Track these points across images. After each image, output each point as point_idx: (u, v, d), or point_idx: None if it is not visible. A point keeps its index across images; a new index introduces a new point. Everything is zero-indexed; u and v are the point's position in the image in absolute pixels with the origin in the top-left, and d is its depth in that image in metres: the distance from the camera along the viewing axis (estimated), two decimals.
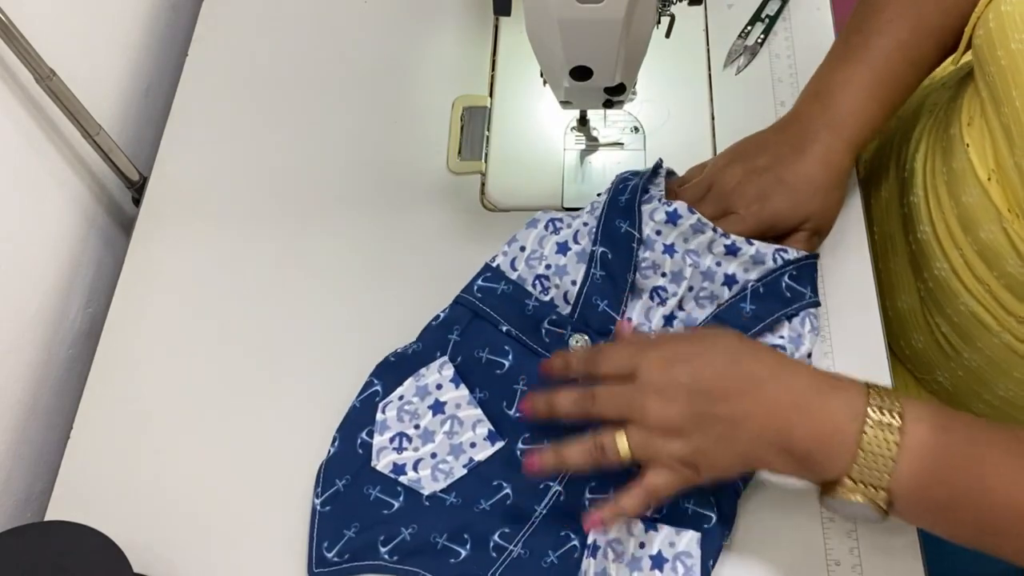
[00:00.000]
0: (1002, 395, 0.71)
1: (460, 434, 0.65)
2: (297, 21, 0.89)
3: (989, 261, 0.64)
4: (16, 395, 0.73)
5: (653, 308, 0.67)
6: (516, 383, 0.66)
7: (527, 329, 0.67)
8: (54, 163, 0.78)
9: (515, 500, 0.63)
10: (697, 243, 0.66)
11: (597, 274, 0.66)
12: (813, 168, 0.66)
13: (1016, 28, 0.57)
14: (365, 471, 0.65)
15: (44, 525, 0.63)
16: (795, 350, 0.64)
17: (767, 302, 0.63)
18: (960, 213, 0.66)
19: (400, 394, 0.67)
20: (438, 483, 0.64)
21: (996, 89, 0.60)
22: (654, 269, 0.67)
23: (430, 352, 0.68)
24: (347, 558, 0.62)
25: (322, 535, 0.63)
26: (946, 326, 0.72)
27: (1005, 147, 0.60)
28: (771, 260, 0.64)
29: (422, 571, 0.61)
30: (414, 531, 0.62)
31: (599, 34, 0.60)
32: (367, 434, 0.66)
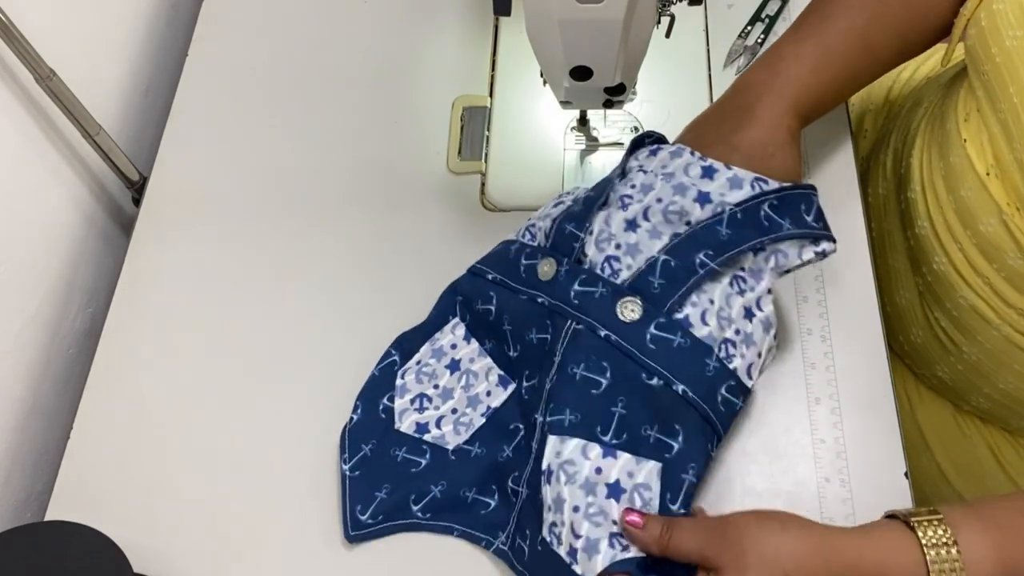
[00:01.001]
0: (1002, 388, 0.71)
1: (476, 386, 0.67)
2: (297, 21, 0.89)
3: (988, 254, 0.65)
4: (16, 395, 0.73)
5: (613, 212, 0.63)
6: (503, 324, 0.66)
7: (508, 271, 0.67)
8: (54, 163, 0.78)
9: (525, 440, 0.63)
10: (675, 165, 0.63)
11: (575, 208, 0.65)
12: (761, 131, 0.64)
13: (1010, 25, 0.58)
14: (390, 434, 0.66)
15: (44, 525, 0.62)
16: (755, 283, 0.61)
17: (744, 229, 0.60)
18: (958, 207, 0.66)
19: (417, 359, 0.69)
20: (460, 436, 0.65)
21: (992, 86, 0.61)
22: (628, 181, 0.65)
23: (443, 317, 0.70)
24: (381, 519, 0.63)
25: (354, 499, 0.64)
26: (945, 320, 0.72)
27: (1004, 143, 0.60)
28: (748, 185, 0.61)
29: (456, 525, 0.63)
30: (443, 487, 0.64)
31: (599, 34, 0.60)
32: (388, 399, 0.67)
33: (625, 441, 0.58)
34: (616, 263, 0.62)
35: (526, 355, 0.65)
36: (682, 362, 0.58)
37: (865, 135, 0.90)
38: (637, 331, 0.59)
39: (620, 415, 0.58)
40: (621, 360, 0.59)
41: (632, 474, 0.57)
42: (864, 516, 0.62)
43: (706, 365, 0.58)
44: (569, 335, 0.61)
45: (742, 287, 0.61)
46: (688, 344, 0.59)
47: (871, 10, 0.66)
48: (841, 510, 0.63)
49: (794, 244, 0.60)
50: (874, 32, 0.66)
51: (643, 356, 0.59)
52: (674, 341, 0.59)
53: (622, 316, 0.60)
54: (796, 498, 0.63)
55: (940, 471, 0.80)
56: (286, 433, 0.69)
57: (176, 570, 0.64)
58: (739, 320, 0.60)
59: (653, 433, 0.58)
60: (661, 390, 0.58)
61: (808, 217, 0.60)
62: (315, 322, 0.73)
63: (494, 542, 0.62)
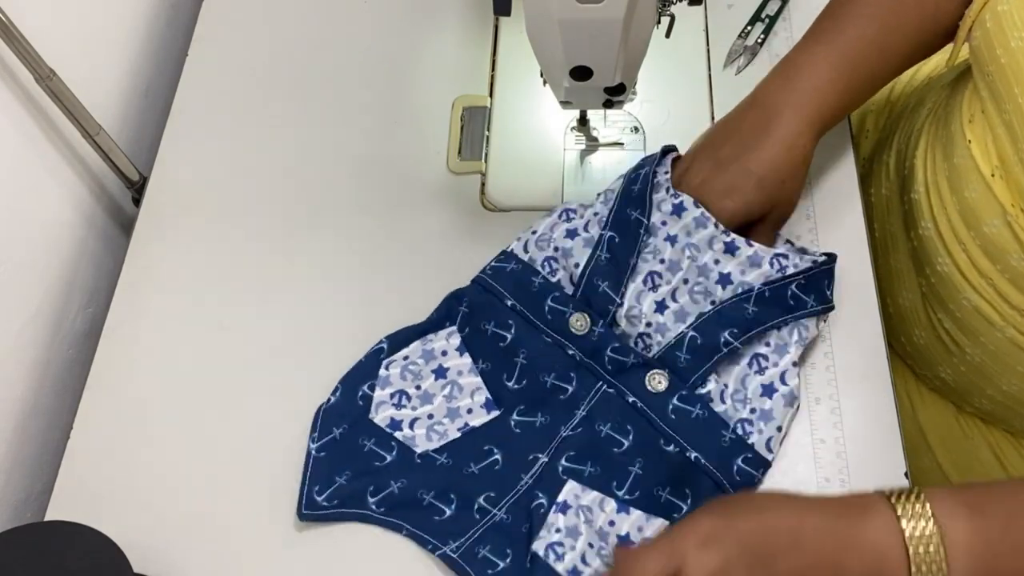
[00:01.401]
0: (1005, 390, 0.71)
1: (459, 399, 0.67)
2: (297, 21, 0.89)
3: (992, 256, 0.64)
4: (16, 395, 0.73)
5: (644, 292, 0.67)
6: (517, 356, 0.67)
7: (531, 305, 0.68)
8: (54, 163, 0.78)
9: (503, 468, 0.65)
10: (699, 237, 0.66)
11: (602, 256, 0.67)
12: (777, 154, 0.65)
13: (1015, 27, 0.58)
14: (362, 422, 0.67)
15: (44, 525, 0.63)
16: (778, 359, 0.65)
17: (770, 307, 0.64)
18: (962, 209, 0.66)
19: (405, 354, 0.69)
20: (431, 443, 0.66)
21: (997, 88, 0.61)
22: (654, 255, 0.67)
23: (440, 321, 0.70)
24: (336, 503, 0.64)
25: (314, 479, 0.65)
26: (948, 322, 0.72)
27: (1008, 143, 0.60)
28: (767, 264, 0.64)
29: (406, 524, 0.63)
30: (403, 485, 0.64)
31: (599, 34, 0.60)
32: (368, 387, 0.68)
33: (638, 498, 0.62)
34: (647, 339, 0.66)
35: (531, 393, 0.67)
36: (699, 432, 0.63)
37: (867, 136, 0.90)
38: (661, 401, 0.64)
39: (636, 474, 0.63)
40: (643, 425, 0.64)
41: (642, 529, 0.61)
42: None
43: (722, 436, 0.63)
44: (599, 395, 0.66)
45: (763, 365, 0.65)
46: (706, 416, 0.63)
47: (884, 15, 0.66)
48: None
49: (813, 318, 0.65)
50: (887, 37, 0.66)
51: (663, 424, 0.63)
52: (693, 413, 0.63)
53: (650, 386, 0.64)
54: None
55: (941, 471, 0.80)
56: (286, 433, 0.69)
57: (176, 570, 0.64)
58: (756, 399, 0.64)
59: (664, 494, 0.62)
60: (676, 456, 0.63)
61: (828, 291, 0.66)
62: (315, 322, 0.73)
63: (442, 548, 0.62)
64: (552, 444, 0.65)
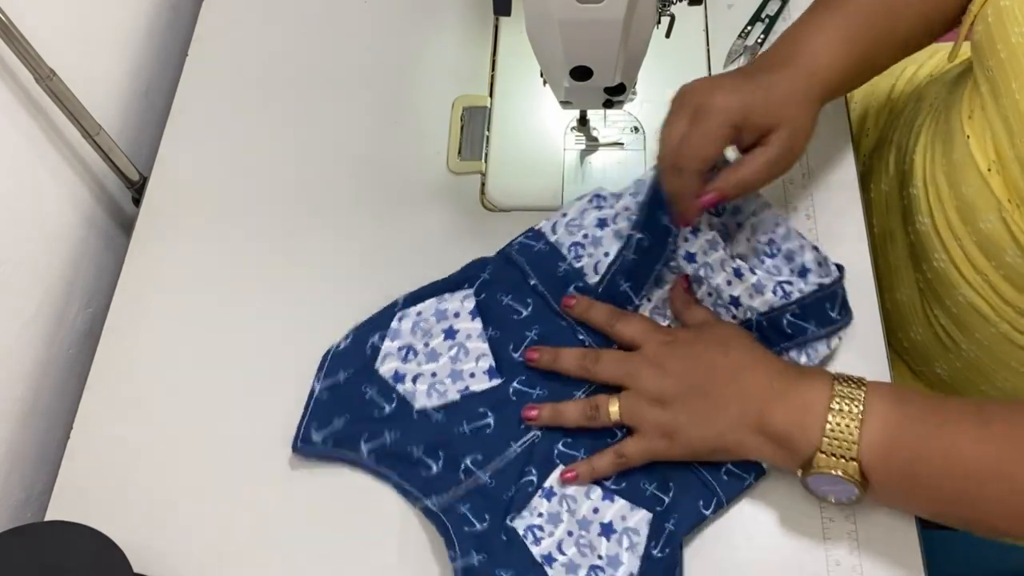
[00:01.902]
0: (1000, 386, 0.72)
1: (463, 362, 0.68)
2: (297, 21, 0.89)
3: (988, 252, 0.65)
4: (16, 395, 0.73)
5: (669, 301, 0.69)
6: (528, 331, 0.69)
7: (553, 289, 0.69)
8: (54, 163, 0.78)
9: (494, 432, 0.66)
10: (712, 258, 0.67)
11: (629, 256, 0.68)
12: (784, 82, 0.62)
13: (1016, 22, 0.58)
14: (367, 371, 0.68)
15: (44, 525, 0.63)
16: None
17: (770, 335, 0.65)
18: (959, 204, 0.66)
19: (419, 310, 0.70)
20: (431, 400, 0.67)
21: (996, 82, 0.61)
22: (680, 270, 0.69)
23: (459, 283, 0.71)
24: (330, 444, 0.66)
25: (313, 417, 0.67)
26: (945, 318, 0.72)
27: (1005, 138, 0.61)
28: (771, 292, 0.64)
29: (394, 474, 0.65)
30: (395, 437, 0.66)
31: (599, 34, 0.60)
32: (378, 338, 0.69)
33: (624, 488, 0.63)
34: None
35: (531, 367, 0.67)
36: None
37: (867, 134, 0.91)
38: None
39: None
40: None
41: (625, 518, 0.62)
42: (864, 516, 0.62)
43: None
44: (599, 385, 0.66)
45: None
46: None
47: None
48: (841, 510, 0.63)
49: (822, 340, 0.66)
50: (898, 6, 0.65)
51: None
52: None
53: None
54: (796, 498, 0.63)
55: None
56: (286, 433, 0.69)
57: (176, 570, 0.64)
58: None
59: (650, 488, 0.63)
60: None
61: (833, 312, 0.65)
62: (315, 322, 0.73)
63: (424, 501, 0.64)
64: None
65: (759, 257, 0.68)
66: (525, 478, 0.64)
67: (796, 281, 0.65)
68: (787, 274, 0.67)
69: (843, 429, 0.56)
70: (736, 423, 0.59)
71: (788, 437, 0.58)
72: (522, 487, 0.64)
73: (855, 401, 0.56)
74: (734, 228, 0.70)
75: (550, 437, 0.65)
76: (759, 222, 0.69)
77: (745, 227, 0.69)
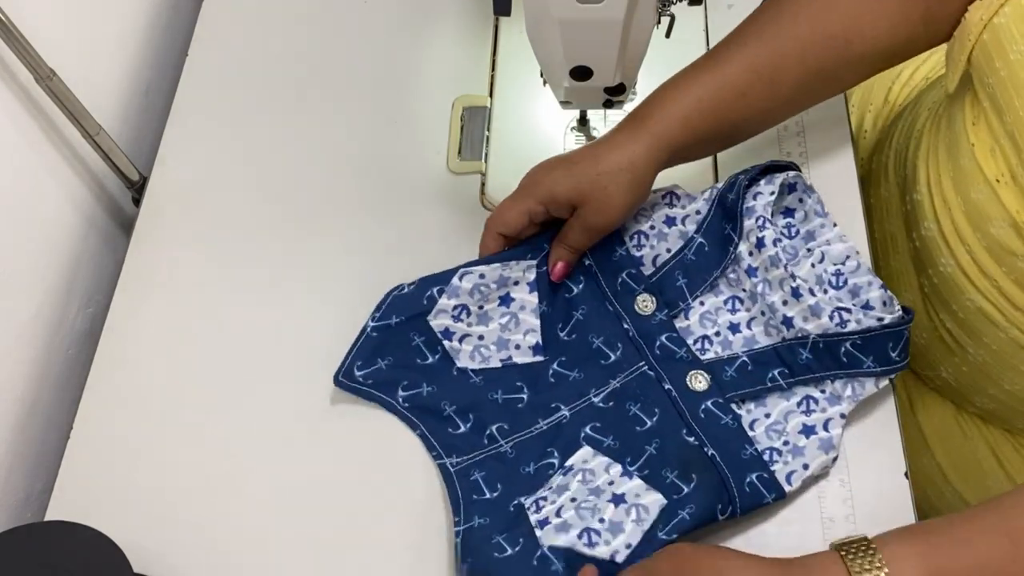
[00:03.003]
0: (1008, 389, 0.71)
1: (512, 332, 0.69)
2: (297, 21, 0.89)
3: (998, 257, 0.64)
4: (16, 395, 0.73)
5: (722, 310, 0.69)
6: (576, 311, 0.70)
7: (607, 271, 0.70)
8: (54, 163, 0.78)
9: (526, 407, 0.67)
10: (772, 276, 0.67)
11: (689, 255, 0.69)
12: (603, 156, 0.64)
13: (1013, 39, 0.58)
14: (419, 319, 0.69)
15: (44, 525, 0.63)
16: (828, 407, 0.65)
17: (823, 358, 0.65)
18: (968, 210, 0.65)
19: (482, 272, 0.69)
20: (473, 362, 0.69)
21: (997, 99, 0.60)
22: (738, 282, 0.69)
23: (524, 251, 0.70)
24: (370, 383, 0.68)
25: (360, 354, 0.68)
26: (951, 322, 0.72)
27: (1013, 153, 0.60)
28: (827, 316, 0.64)
29: (422, 427, 0.67)
30: (432, 391, 0.68)
31: (599, 34, 0.60)
32: (438, 291, 0.69)
33: (646, 475, 0.63)
34: (708, 344, 0.68)
35: (575, 348, 0.69)
36: (722, 436, 0.64)
37: (865, 135, 0.90)
38: (695, 399, 0.65)
39: (651, 454, 0.64)
40: (671, 413, 0.65)
41: (639, 495, 0.62)
42: (864, 516, 0.62)
43: (744, 449, 0.63)
44: (638, 373, 0.67)
45: (811, 408, 0.65)
46: (734, 427, 0.64)
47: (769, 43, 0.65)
48: (841, 510, 0.63)
49: (872, 377, 0.65)
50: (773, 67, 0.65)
51: (691, 419, 0.65)
52: (722, 420, 0.64)
53: (689, 383, 0.66)
54: (796, 498, 0.63)
55: (940, 471, 0.80)
56: (286, 433, 0.69)
57: (176, 570, 0.64)
58: (792, 434, 0.64)
59: (671, 477, 0.63)
60: (693, 446, 0.64)
61: (893, 353, 0.64)
62: (315, 322, 0.73)
63: (444, 459, 0.65)
64: (578, 403, 0.67)
65: (822, 286, 0.67)
66: (546, 460, 0.64)
67: (856, 311, 0.64)
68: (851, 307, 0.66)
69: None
70: None
71: None
72: (542, 468, 0.64)
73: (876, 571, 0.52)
74: (804, 252, 0.69)
75: (578, 420, 0.66)
76: (830, 251, 0.68)
77: (814, 252, 0.69)
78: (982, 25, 0.60)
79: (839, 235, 0.69)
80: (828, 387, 0.65)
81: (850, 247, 0.68)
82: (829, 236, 0.69)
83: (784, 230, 0.70)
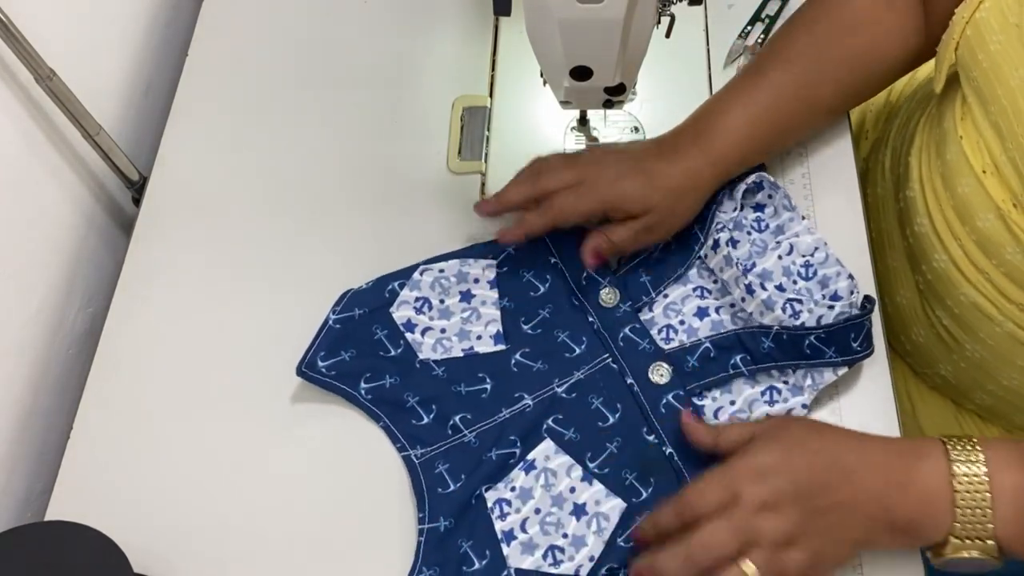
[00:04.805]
0: (1006, 384, 0.72)
1: (473, 324, 0.71)
2: (297, 21, 0.89)
3: (988, 250, 0.65)
4: (16, 395, 0.73)
5: (690, 297, 0.70)
6: (542, 309, 0.71)
7: (571, 266, 0.71)
8: (54, 163, 0.78)
9: (489, 397, 0.68)
10: (727, 275, 0.69)
11: (655, 254, 0.71)
12: (674, 171, 0.67)
13: (993, 30, 0.60)
14: (382, 312, 0.71)
15: (44, 525, 0.63)
16: (790, 397, 0.65)
17: (786, 349, 0.65)
18: (956, 204, 0.66)
19: (442, 267, 0.72)
20: (435, 354, 0.69)
21: (982, 90, 0.62)
22: (709, 274, 0.71)
23: (485, 251, 0.73)
24: (333, 375, 0.68)
25: (322, 346, 0.69)
26: (947, 318, 0.72)
27: (997, 143, 0.62)
28: (779, 309, 0.66)
29: (385, 418, 0.67)
30: (394, 383, 0.68)
31: (599, 34, 0.60)
32: (399, 285, 0.71)
33: (606, 474, 0.64)
34: (672, 333, 0.69)
35: (540, 341, 0.69)
36: (681, 432, 0.64)
37: (866, 136, 0.91)
38: (656, 393, 0.66)
39: (611, 452, 0.65)
40: (633, 409, 0.66)
41: (599, 503, 0.63)
42: None
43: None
44: (601, 366, 0.68)
45: (774, 399, 0.66)
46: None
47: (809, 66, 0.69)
48: None
49: (831, 367, 0.65)
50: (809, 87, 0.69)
51: (651, 413, 0.65)
52: (681, 412, 0.65)
53: (651, 376, 0.67)
54: None
55: None
56: (286, 433, 0.69)
57: (176, 570, 0.64)
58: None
59: (631, 478, 0.64)
60: (652, 448, 0.65)
61: (855, 343, 0.65)
62: (315, 322, 0.73)
63: (409, 451, 0.66)
64: (541, 392, 0.67)
65: (790, 277, 0.68)
66: (508, 448, 0.65)
67: (807, 301, 0.66)
68: (819, 298, 0.67)
69: (975, 513, 0.53)
70: (867, 529, 0.56)
71: (918, 529, 0.56)
72: (503, 456, 0.65)
73: (980, 481, 0.54)
74: (772, 244, 0.70)
75: (541, 410, 0.67)
76: (799, 243, 0.69)
77: (782, 244, 0.69)
78: (964, 23, 0.62)
79: (807, 227, 0.70)
80: (791, 378, 0.66)
81: (818, 239, 0.69)
82: (798, 229, 0.70)
83: (754, 223, 0.71)
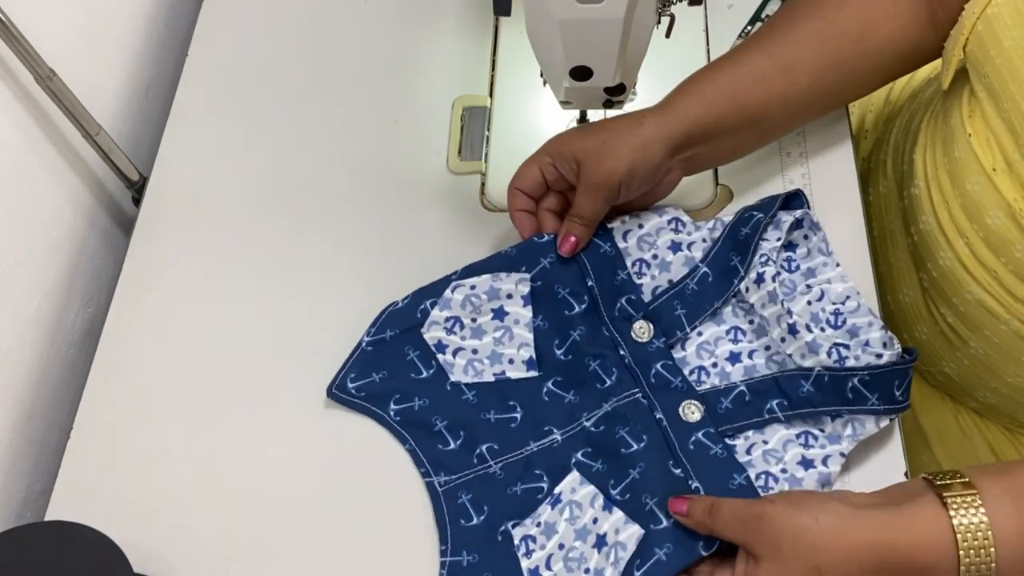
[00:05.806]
0: (1010, 382, 0.71)
1: (505, 346, 0.69)
2: (297, 21, 0.89)
3: (996, 248, 0.65)
4: (16, 395, 0.73)
5: (723, 339, 0.69)
6: (573, 330, 0.68)
7: (607, 295, 0.69)
8: (54, 163, 0.78)
9: (518, 428, 0.66)
10: (769, 312, 0.66)
11: (691, 286, 0.69)
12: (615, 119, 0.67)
13: (1006, 27, 0.59)
14: (414, 333, 0.69)
15: (44, 525, 0.63)
16: (827, 444, 0.63)
17: (827, 393, 0.63)
18: (964, 201, 0.66)
19: (473, 284, 0.69)
20: (466, 376, 0.68)
21: (994, 88, 0.61)
22: (745, 313, 0.69)
23: (516, 262, 0.70)
24: (363, 396, 0.68)
25: (354, 367, 0.69)
26: (952, 316, 0.72)
27: (1009, 140, 0.61)
28: (824, 353, 0.63)
29: (412, 441, 0.67)
30: (424, 405, 0.67)
31: (599, 34, 0.60)
32: (430, 305, 0.70)
33: (627, 500, 0.62)
34: (704, 376, 0.67)
35: (570, 368, 0.68)
36: (710, 468, 0.62)
37: (866, 136, 0.91)
38: (686, 430, 0.64)
39: (633, 478, 0.63)
40: (659, 442, 0.64)
41: (618, 531, 0.61)
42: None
43: (732, 479, 0.62)
44: (630, 400, 0.66)
45: (810, 443, 0.64)
46: (724, 456, 0.63)
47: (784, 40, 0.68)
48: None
49: (873, 417, 0.63)
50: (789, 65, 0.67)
51: (679, 451, 0.63)
52: (712, 450, 0.63)
53: (682, 414, 0.65)
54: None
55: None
56: (286, 433, 0.69)
57: (176, 570, 0.64)
58: (791, 464, 0.63)
59: (651, 503, 0.62)
60: (678, 479, 0.63)
61: (898, 392, 0.63)
62: (314, 322, 0.73)
63: (432, 477, 0.65)
64: (571, 427, 0.66)
65: (818, 324, 0.66)
66: (535, 483, 0.64)
67: (855, 348, 0.63)
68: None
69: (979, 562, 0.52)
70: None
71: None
72: (530, 491, 0.63)
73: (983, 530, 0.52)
74: (802, 288, 0.68)
75: (571, 444, 0.65)
76: (830, 290, 0.67)
77: (813, 289, 0.67)
78: (975, 18, 0.61)
79: (841, 275, 0.67)
80: (828, 426, 0.63)
81: (850, 287, 0.67)
82: (831, 275, 0.68)
83: (784, 263, 0.69)
